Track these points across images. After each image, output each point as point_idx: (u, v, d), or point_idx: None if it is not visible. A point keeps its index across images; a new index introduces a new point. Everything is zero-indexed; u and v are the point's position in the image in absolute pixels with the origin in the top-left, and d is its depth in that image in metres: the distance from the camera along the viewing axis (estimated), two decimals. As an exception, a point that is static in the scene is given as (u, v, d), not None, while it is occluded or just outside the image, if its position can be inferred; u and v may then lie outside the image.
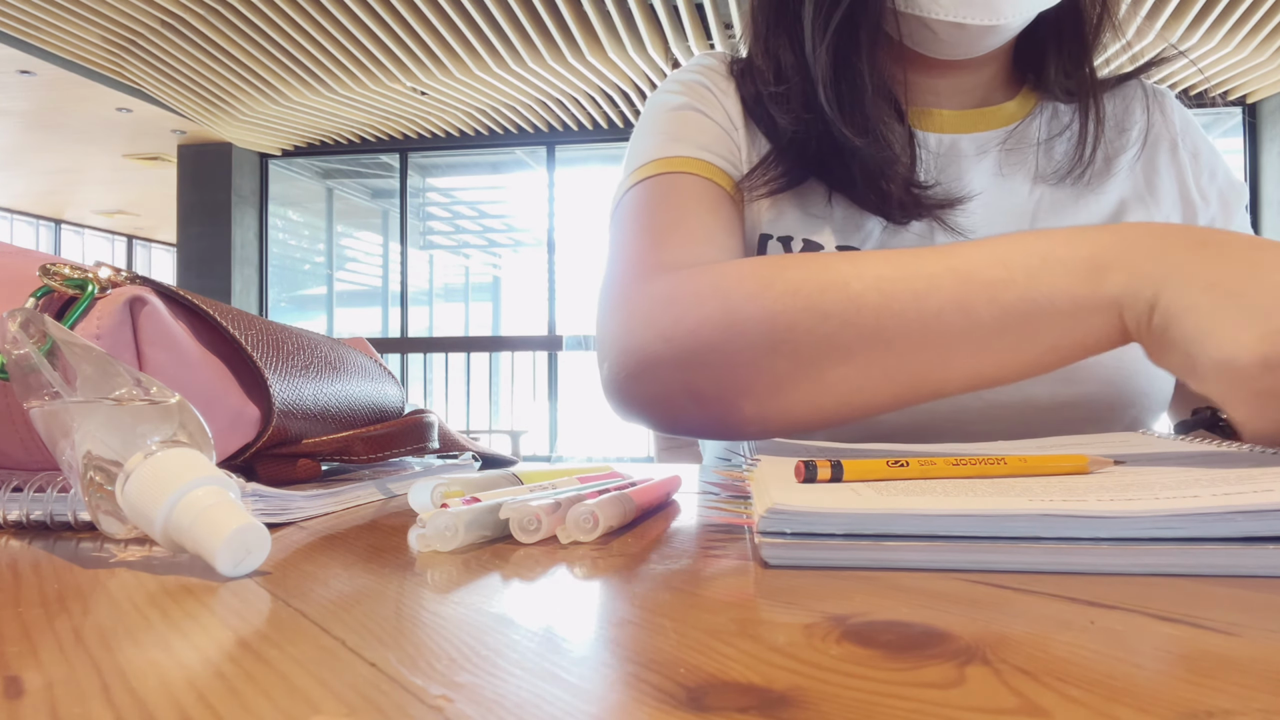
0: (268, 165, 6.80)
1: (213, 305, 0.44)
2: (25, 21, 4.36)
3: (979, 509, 0.29)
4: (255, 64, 4.95)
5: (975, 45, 0.63)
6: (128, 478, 0.30)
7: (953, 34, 0.62)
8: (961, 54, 0.65)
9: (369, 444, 0.50)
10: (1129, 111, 0.72)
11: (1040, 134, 0.70)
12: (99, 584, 0.28)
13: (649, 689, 0.18)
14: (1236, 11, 4.15)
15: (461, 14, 4.38)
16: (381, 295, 7.22)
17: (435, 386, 6.15)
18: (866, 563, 0.29)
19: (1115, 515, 0.28)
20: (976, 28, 0.60)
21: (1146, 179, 0.70)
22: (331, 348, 0.52)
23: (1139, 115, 0.72)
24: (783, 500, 0.30)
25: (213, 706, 0.18)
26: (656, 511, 0.42)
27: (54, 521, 0.38)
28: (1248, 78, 5.00)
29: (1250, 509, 0.27)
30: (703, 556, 0.31)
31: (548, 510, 0.34)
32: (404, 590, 0.27)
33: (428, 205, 7.15)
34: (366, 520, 0.41)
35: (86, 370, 0.34)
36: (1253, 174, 5.50)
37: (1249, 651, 0.20)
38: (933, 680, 0.18)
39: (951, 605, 0.24)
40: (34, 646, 0.22)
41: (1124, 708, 0.17)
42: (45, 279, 0.41)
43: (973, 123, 0.71)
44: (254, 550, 0.29)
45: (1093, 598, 0.24)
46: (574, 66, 4.96)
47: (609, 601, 0.26)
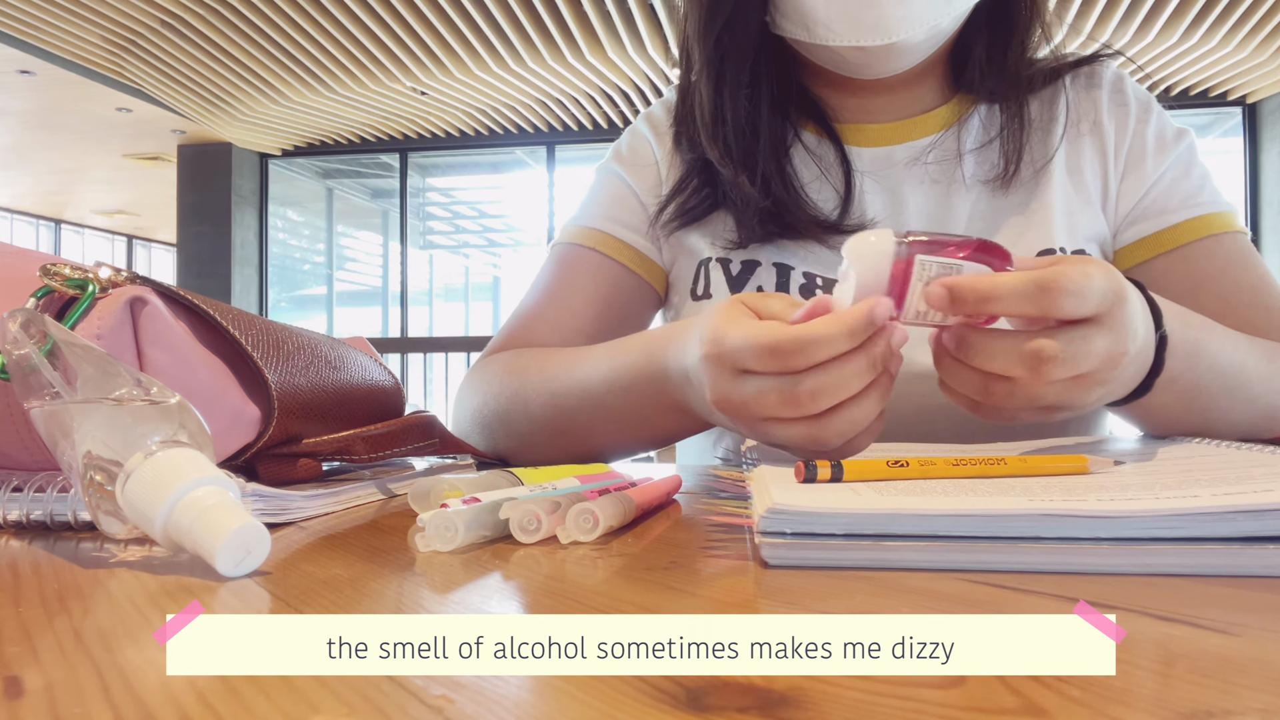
0: (268, 165, 6.80)
1: (213, 305, 0.44)
2: (25, 21, 4.36)
3: (979, 509, 0.29)
4: (255, 64, 4.95)
5: (887, 65, 0.64)
6: (128, 478, 0.30)
7: (858, 57, 0.63)
8: (877, 74, 0.65)
9: (369, 443, 0.50)
10: (1055, 110, 0.71)
11: (969, 140, 0.70)
12: (99, 584, 0.28)
13: (649, 689, 0.18)
14: (1236, 11, 4.15)
15: (461, 14, 4.38)
16: (381, 295, 7.22)
17: (435, 386, 6.15)
18: (866, 563, 0.29)
19: (1115, 515, 0.28)
20: (877, 49, 0.61)
21: (1074, 175, 0.69)
22: (332, 347, 0.52)
23: (1061, 111, 0.71)
24: (783, 500, 0.30)
25: (212, 706, 0.18)
26: (656, 511, 0.42)
27: (54, 521, 0.38)
28: (1248, 78, 5.00)
29: (1250, 509, 0.27)
30: (703, 556, 0.31)
31: (548, 510, 0.34)
32: (404, 590, 0.27)
33: (428, 205, 7.15)
34: (366, 520, 0.41)
35: (87, 370, 0.34)
36: (1253, 174, 5.50)
37: (1249, 651, 0.20)
38: (933, 680, 0.18)
39: (951, 605, 0.24)
40: (34, 646, 0.22)
41: (1124, 708, 0.17)
42: (45, 279, 0.41)
43: (905, 132, 0.71)
44: (254, 550, 0.29)
45: (1093, 598, 0.24)
46: (574, 66, 4.96)
47: (609, 601, 0.26)
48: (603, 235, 0.74)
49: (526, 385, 0.63)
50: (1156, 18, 4.23)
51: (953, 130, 0.71)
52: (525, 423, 0.63)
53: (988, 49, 0.69)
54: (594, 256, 0.74)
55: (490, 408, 0.66)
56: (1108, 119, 0.70)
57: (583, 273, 0.74)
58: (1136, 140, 0.69)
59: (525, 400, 0.63)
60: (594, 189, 0.79)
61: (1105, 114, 0.70)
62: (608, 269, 0.74)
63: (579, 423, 0.60)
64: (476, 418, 0.68)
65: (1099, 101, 0.70)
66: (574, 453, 0.63)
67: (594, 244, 0.74)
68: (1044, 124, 0.70)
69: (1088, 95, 0.71)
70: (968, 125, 0.71)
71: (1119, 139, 0.69)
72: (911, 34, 0.60)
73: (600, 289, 0.73)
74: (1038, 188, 0.68)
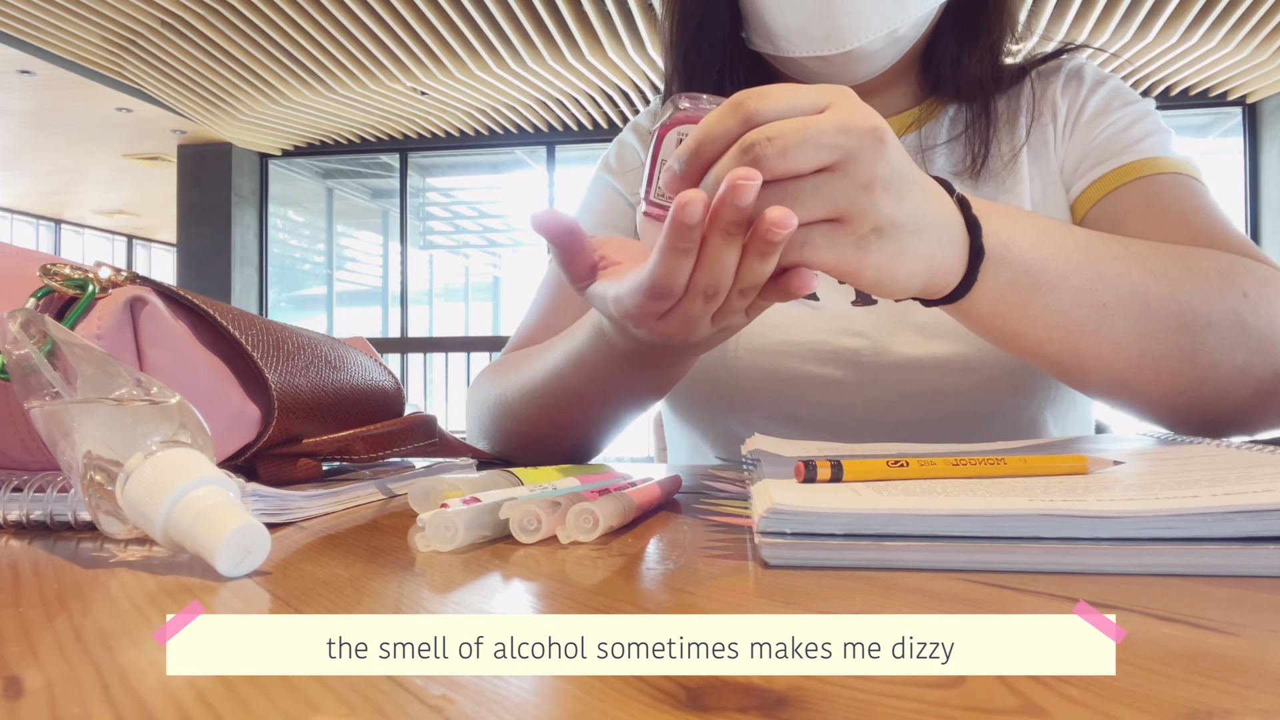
0: (268, 165, 6.80)
1: (213, 305, 0.44)
2: (25, 21, 4.36)
3: (979, 509, 0.29)
4: (255, 64, 4.95)
5: (851, 72, 0.65)
6: (128, 478, 0.30)
7: (821, 67, 0.64)
8: (846, 82, 0.66)
9: (369, 443, 0.50)
10: (1019, 104, 0.72)
11: (936, 136, 0.72)
12: (99, 584, 0.28)
13: (649, 689, 0.18)
14: (1236, 11, 4.15)
15: (461, 14, 4.38)
16: (381, 295, 7.22)
17: (435, 386, 6.15)
18: (866, 563, 0.29)
19: (1115, 515, 0.28)
20: (837, 58, 0.63)
21: (1039, 161, 0.70)
22: (332, 347, 0.52)
23: (1025, 104, 0.72)
24: (783, 500, 0.30)
25: (212, 706, 0.18)
26: (656, 511, 0.42)
27: (54, 521, 0.38)
28: (1248, 78, 5.00)
29: (1250, 509, 0.27)
30: (703, 556, 0.31)
31: (548, 510, 0.34)
32: (404, 590, 0.27)
33: (428, 205, 7.15)
34: (366, 520, 0.41)
35: (87, 370, 0.34)
36: (1252, 174, 5.50)
37: (1249, 651, 0.20)
38: (933, 680, 0.18)
39: (951, 605, 0.24)
40: (34, 646, 0.22)
41: (1124, 708, 0.17)
42: (45, 279, 0.41)
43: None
44: (254, 550, 0.29)
45: (1093, 598, 0.24)
46: (574, 66, 4.96)
47: (609, 601, 0.26)
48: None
49: (508, 390, 0.66)
50: (1157, 18, 4.23)
51: (922, 130, 0.72)
52: (514, 423, 0.65)
53: (956, 52, 0.70)
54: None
55: (486, 416, 0.68)
56: (1060, 98, 0.71)
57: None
58: (1083, 106, 0.70)
59: (508, 403, 0.65)
60: (586, 201, 0.82)
61: (1059, 94, 0.71)
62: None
63: (561, 411, 0.62)
64: (478, 427, 0.70)
65: (1055, 86, 0.72)
66: (565, 443, 0.64)
67: None
68: (1010, 118, 0.71)
69: (1048, 85, 0.73)
70: (935, 125, 0.73)
71: (1070, 111, 0.71)
72: (867, 40, 0.61)
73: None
74: (1008, 179, 0.69)
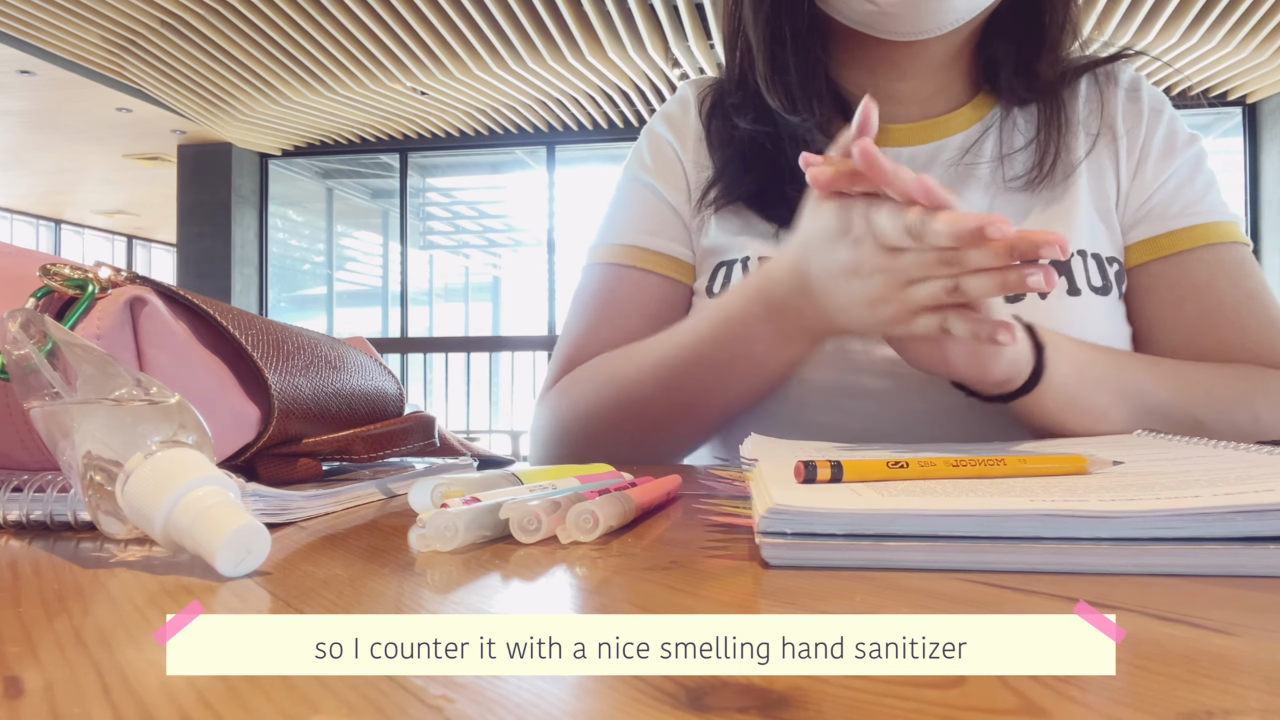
0: (268, 165, 6.80)
1: (213, 305, 0.44)
2: (25, 21, 4.36)
3: (979, 509, 0.29)
4: (255, 64, 4.95)
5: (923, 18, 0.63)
6: (128, 478, 0.30)
7: (896, 6, 0.62)
8: (912, 26, 0.64)
9: (369, 443, 0.50)
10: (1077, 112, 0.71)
11: (996, 141, 0.70)
12: (99, 584, 0.28)
13: (649, 689, 0.18)
14: (1236, 11, 4.15)
15: (461, 14, 4.38)
16: (381, 295, 7.22)
17: (435, 386, 6.15)
18: (867, 563, 0.29)
19: (1115, 515, 0.28)
20: None
21: (1096, 179, 0.69)
22: (331, 347, 0.52)
23: (1084, 113, 0.71)
24: (783, 500, 0.30)
25: (212, 706, 0.18)
26: (656, 511, 0.42)
27: (54, 521, 0.38)
28: (1248, 78, 5.00)
29: (1250, 509, 0.27)
30: (703, 556, 0.31)
31: (548, 510, 0.34)
32: (404, 590, 0.27)
33: (428, 205, 7.14)
34: (366, 520, 0.41)
35: (87, 370, 0.34)
36: (1252, 174, 5.50)
37: (1249, 651, 0.20)
38: (933, 680, 0.18)
39: (951, 605, 0.24)
40: (34, 646, 0.22)
41: (1124, 708, 0.17)
42: (45, 279, 0.41)
43: (925, 134, 0.71)
44: (254, 550, 0.29)
45: (1093, 598, 0.24)
46: (574, 66, 4.95)
47: (609, 601, 0.26)
48: (640, 251, 0.74)
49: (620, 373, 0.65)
50: (1156, 18, 4.23)
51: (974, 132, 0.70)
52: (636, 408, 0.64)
53: (1019, 49, 0.69)
54: (635, 274, 0.74)
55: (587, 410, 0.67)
56: (1122, 122, 0.70)
57: (627, 293, 0.74)
58: (1146, 143, 0.69)
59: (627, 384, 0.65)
60: (621, 203, 0.78)
61: (1120, 116, 0.70)
62: (651, 285, 0.74)
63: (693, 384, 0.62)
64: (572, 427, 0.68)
65: (1116, 104, 0.71)
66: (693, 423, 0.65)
67: (633, 261, 0.74)
68: (1070, 122, 0.70)
69: (1107, 97, 0.71)
70: (994, 127, 0.71)
71: (1130, 141, 0.70)
72: None
73: (649, 305, 0.73)
74: (1066, 189, 0.68)
